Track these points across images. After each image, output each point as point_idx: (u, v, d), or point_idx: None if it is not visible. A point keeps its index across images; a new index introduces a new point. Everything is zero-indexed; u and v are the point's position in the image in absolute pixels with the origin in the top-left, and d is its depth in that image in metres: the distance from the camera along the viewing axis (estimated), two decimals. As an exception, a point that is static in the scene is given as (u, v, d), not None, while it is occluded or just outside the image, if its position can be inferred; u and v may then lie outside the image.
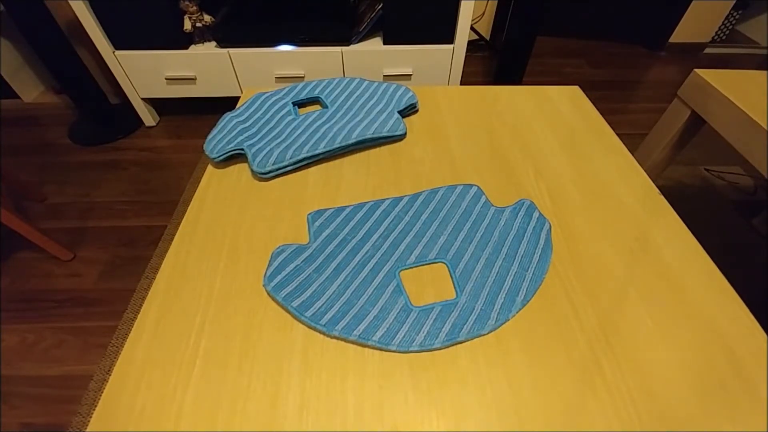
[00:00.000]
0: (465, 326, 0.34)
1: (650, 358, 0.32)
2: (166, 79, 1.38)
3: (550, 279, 0.37)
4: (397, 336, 0.33)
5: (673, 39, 2.18)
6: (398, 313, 0.34)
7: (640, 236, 0.41)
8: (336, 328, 0.33)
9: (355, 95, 0.57)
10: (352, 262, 0.38)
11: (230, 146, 0.47)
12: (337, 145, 0.48)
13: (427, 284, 0.37)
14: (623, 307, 0.35)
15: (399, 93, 0.56)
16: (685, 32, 2.15)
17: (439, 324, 0.34)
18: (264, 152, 0.47)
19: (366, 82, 0.59)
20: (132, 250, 1.14)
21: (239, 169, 0.48)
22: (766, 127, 0.54)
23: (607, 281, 0.37)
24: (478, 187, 0.46)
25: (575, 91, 0.60)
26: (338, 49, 1.32)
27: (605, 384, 0.30)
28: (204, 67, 1.36)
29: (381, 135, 0.50)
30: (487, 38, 2.14)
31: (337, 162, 0.49)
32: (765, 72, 0.66)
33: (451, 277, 0.37)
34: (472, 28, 1.86)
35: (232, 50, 1.32)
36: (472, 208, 0.44)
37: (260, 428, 0.27)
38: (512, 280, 0.37)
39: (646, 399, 0.29)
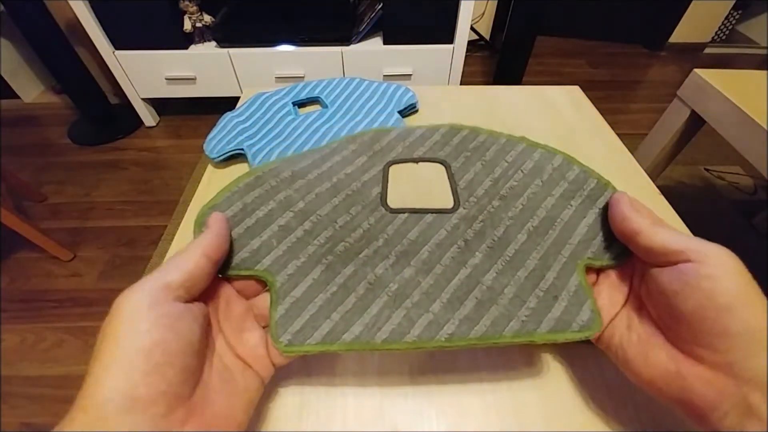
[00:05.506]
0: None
1: (650, 358, 0.32)
2: (166, 79, 1.38)
3: (550, 279, 0.37)
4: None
5: (673, 39, 2.19)
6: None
7: (640, 236, 0.41)
8: None
9: (355, 95, 0.57)
10: None
11: (230, 146, 0.47)
12: (337, 145, 0.48)
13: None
14: (623, 307, 0.35)
15: (399, 93, 0.56)
16: (685, 32, 2.15)
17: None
18: (264, 152, 0.47)
19: (366, 82, 0.59)
20: (132, 250, 1.14)
21: (239, 169, 0.48)
22: (766, 127, 0.54)
23: (607, 281, 0.37)
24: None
25: (575, 91, 0.60)
26: (338, 49, 1.32)
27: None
28: (204, 67, 1.36)
29: (381, 135, 0.50)
30: (487, 38, 2.14)
31: (337, 162, 0.49)
32: (765, 72, 0.66)
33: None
34: (472, 28, 1.86)
35: (232, 50, 1.32)
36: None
37: (260, 428, 0.27)
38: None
39: (646, 399, 0.29)
